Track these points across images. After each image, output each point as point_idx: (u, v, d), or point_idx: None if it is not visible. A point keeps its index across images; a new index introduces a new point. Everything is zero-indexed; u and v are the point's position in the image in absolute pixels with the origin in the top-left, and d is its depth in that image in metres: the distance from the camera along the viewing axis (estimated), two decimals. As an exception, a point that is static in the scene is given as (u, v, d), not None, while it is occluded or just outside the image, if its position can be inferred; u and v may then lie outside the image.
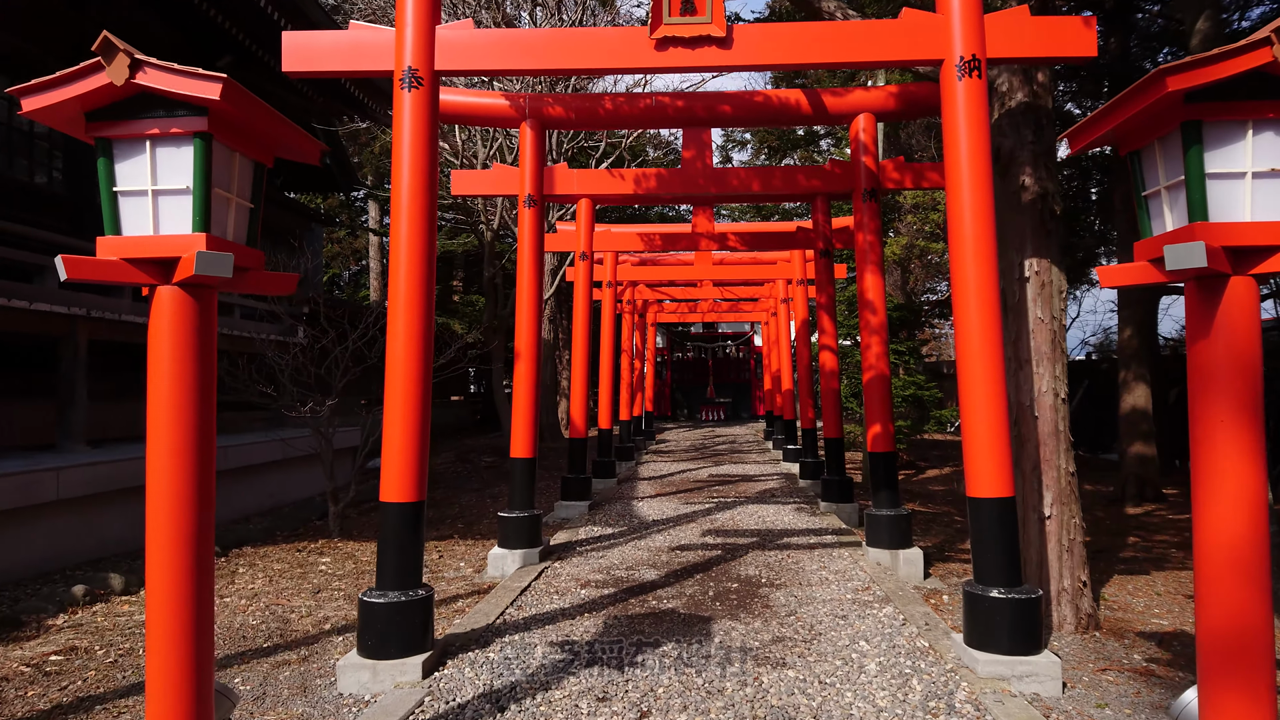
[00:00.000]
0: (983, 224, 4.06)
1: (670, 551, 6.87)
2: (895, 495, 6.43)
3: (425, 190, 4.03)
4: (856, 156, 6.51)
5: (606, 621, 4.83)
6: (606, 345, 11.20)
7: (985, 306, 4.02)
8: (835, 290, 9.68)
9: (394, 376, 4.00)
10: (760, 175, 6.51)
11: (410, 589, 3.95)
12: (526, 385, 6.44)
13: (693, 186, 6.45)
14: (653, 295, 16.83)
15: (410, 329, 4.00)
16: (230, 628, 4.94)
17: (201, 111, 2.38)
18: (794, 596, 5.41)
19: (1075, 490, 4.99)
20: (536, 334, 6.46)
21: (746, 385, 29.56)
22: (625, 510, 9.00)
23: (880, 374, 6.40)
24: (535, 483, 6.56)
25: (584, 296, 9.01)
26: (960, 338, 4.07)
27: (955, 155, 4.12)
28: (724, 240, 9.60)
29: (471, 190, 6.73)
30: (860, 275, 6.53)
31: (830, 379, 9.02)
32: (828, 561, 6.43)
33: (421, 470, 4.03)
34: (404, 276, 4.01)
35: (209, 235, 2.40)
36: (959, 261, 4.10)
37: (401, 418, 3.97)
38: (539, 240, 6.45)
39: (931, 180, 6.54)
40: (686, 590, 5.63)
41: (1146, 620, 5.40)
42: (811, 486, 10.98)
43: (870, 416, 6.47)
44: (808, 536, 7.50)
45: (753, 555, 6.72)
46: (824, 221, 9.02)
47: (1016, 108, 5.02)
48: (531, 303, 6.42)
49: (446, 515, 9.50)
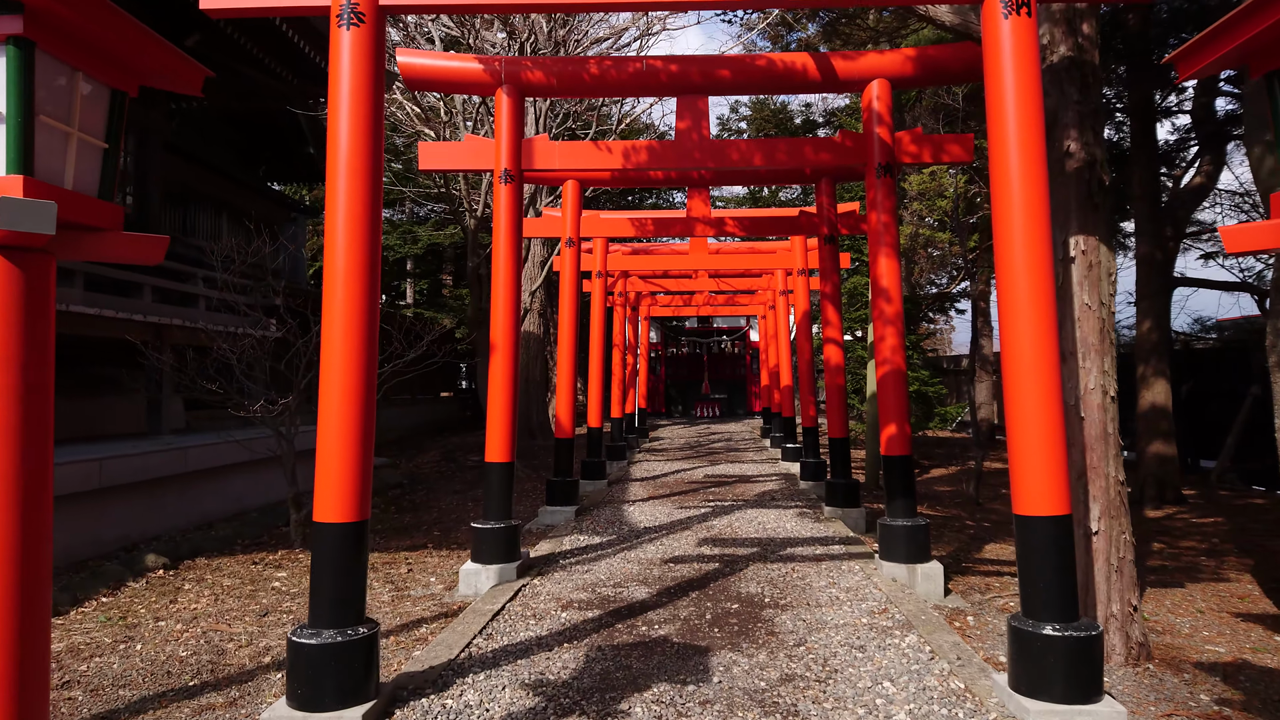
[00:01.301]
0: (1034, 189, 3.42)
1: (663, 564, 6.23)
2: (912, 503, 5.81)
3: (368, 150, 3.37)
4: (869, 127, 5.86)
5: (589, 654, 4.19)
6: (596, 339, 10.55)
7: (1037, 290, 3.38)
8: (840, 280, 9.05)
9: (330, 373, 3.34)
10: (763, 148, 5.86)
11: (349, 626, 3.30)
12: (503, 381, 5.79)
13: (688, 160, 5.80)
14: (646, 288, 16.17)
15: (350, 316, 3.34)
16: (154, 662, 4.28)
17: (16, 9, 1.73)
18: (802, 620, 4.78)
19: (1125, 501, 4.37)
20: (514, 324, 5.81)
21: (742, 381, 28.97)
22: (615, 516, 8.36)
23: (896, 369, 5.77)
24: (513, 490, 5.91)
25: (570, 286, 8.36)
26: (1006, 327, 3.43)
27: (1000, 109, 3.48)
28: (721, 226, 8.94)
29: (440, 165, 6.07)
30: (873, 259, 5.89)
31: (835, 374, 8.39)
32: (837, 576, 5.79)
33: (364, 484, 3.37)
34: (342, 256, 3.35)
35: (29, 179, 1.75)
36: (1005, 237, 3.47)
37: (339, 422, 3.32)
38: (516, 220, 5.79)
39: (953, 154, 5.90)
40: (681, 612, 5.00)
41: (1200, 647, 4.78)
42: (813, 488, 10.35)
43: (884, 416, 5.83)
44: (813, 546, 6.87)
45: (754, 568, 6.08)
46: (829, 205, 8.39)
47: (1059, 63, 4.38)
48: (508, 290, 5.76)
49: (423, 521, 8.84)
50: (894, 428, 5.75)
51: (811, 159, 5.89)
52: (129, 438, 9.18)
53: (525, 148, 5.86)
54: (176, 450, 8.29)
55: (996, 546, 8.06)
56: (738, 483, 11.21)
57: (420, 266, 29.45)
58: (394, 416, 19.86)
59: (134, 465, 7.61)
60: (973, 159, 5.98)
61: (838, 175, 8.29)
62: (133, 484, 7.62)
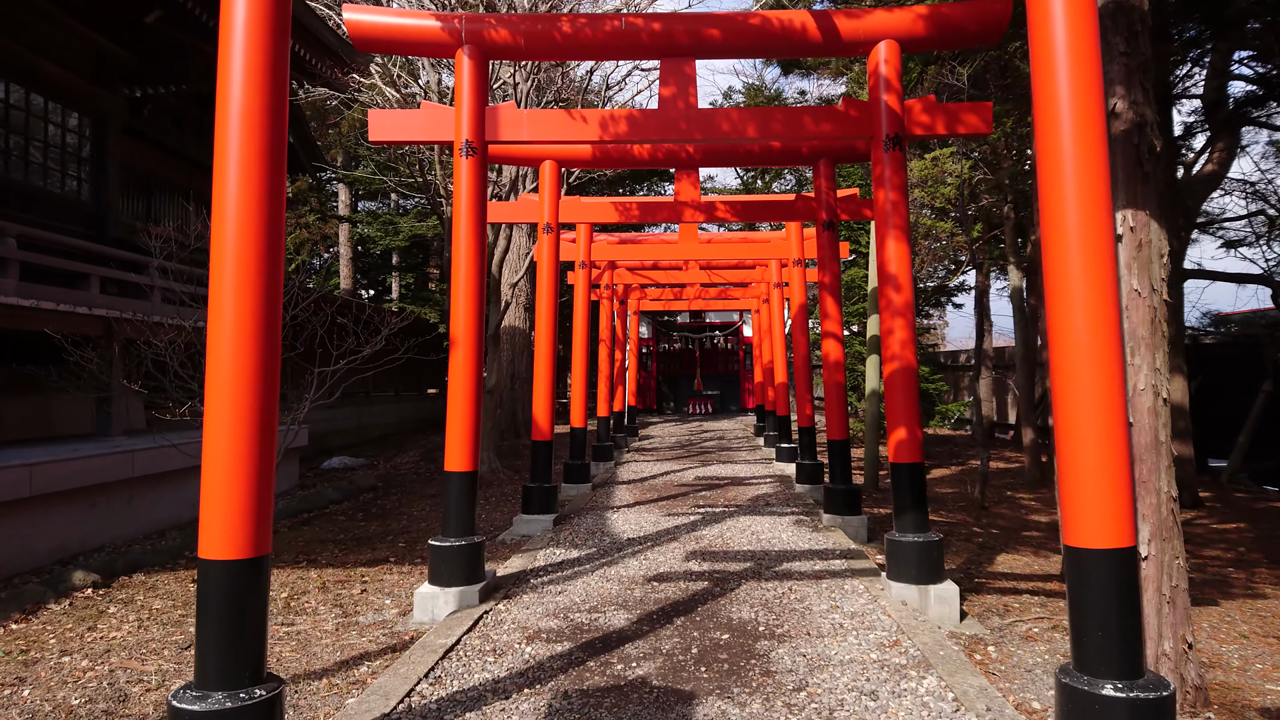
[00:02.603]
0: (1091, 145, 2.80)
1: (646, 584, 5.59)
2: (923, 516, 5.18)
3: (266, 81, 2.71)
4: (876, 95, 5.22)
5: (553, 703, 3.55)
6: (580, 333, 9.90)
7: (1096, 274, 2.75)
8: (840, 269, 8.42)
9: (218, 370, 2.68)
10: (757, 117, 5.21)
11: (244, 688, 2.65)
12: (465, 380, 5.14)
13: (673, 131, 5.15)
14: (634, 280, 15.52)
15: (243, 303, 2.69)
16: (38, 715, 3.63)
17: None
18: (802, 655, 4.15)
19: (1178, 521, 3.75)
20: (477, 317, 5.15)
21: (735, 377, 28.37)
22: (597, 525, 7.72)
23: (905, 366, 5.14)
24: (476, 501, 5.26)
25: (549, 275, 7.70)
26: (1057, 320, 2.81)
27: (1046, 49, 2.85)
28: (711, 210, 8.29)
29: (393, 135, 5.40)
30: (880, 243, 5.25)
31: (835, 371, 7.76)
32: (840, 599, 5.17)
33: (260, 510, 2.72)
34: (232, 229, 2.70)
35: None
36: (1055, 211, 2.84)
37: (229, 433, 2.66)
38: (479, 198, 5.13)
39: (969, 124, 5.27)
40: (664, 645, 4.36)
41: (1258, 685, 4.17)
42: (810, 493, 9.74)
43: (893, 418, 5.21)
44: (812, 560, 6.25)
45: (746, 588, 5.45)
46: (828, 188, 7.75)
47: (1102, 8, 3.74)
48: (471, 278, 5.11)
49: (390, 529, 8.19)
50: (903, 431, 5.12)
51: (811, 130, 5.24)
52: (79, 439, 8.51)
53: (490, 116, 5.19)
54: (123, 454, 7.62)
55: (1009, 558, 7.45)
56: (730, 486, 10.59)
57: (406, 260, 28.76)
58: (375, 414, 19.18)
59: (71, 470, 6.94)
60: (991, 130, 5.34)
61: (837, 155, 7.66)
62: (71, 490, 6.95)
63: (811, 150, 7.60)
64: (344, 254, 26.88)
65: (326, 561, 6.72)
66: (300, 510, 9.37)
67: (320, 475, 12.52)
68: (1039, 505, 10.57)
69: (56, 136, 10.27)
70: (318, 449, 14.56)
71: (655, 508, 8.76)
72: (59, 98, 10.11)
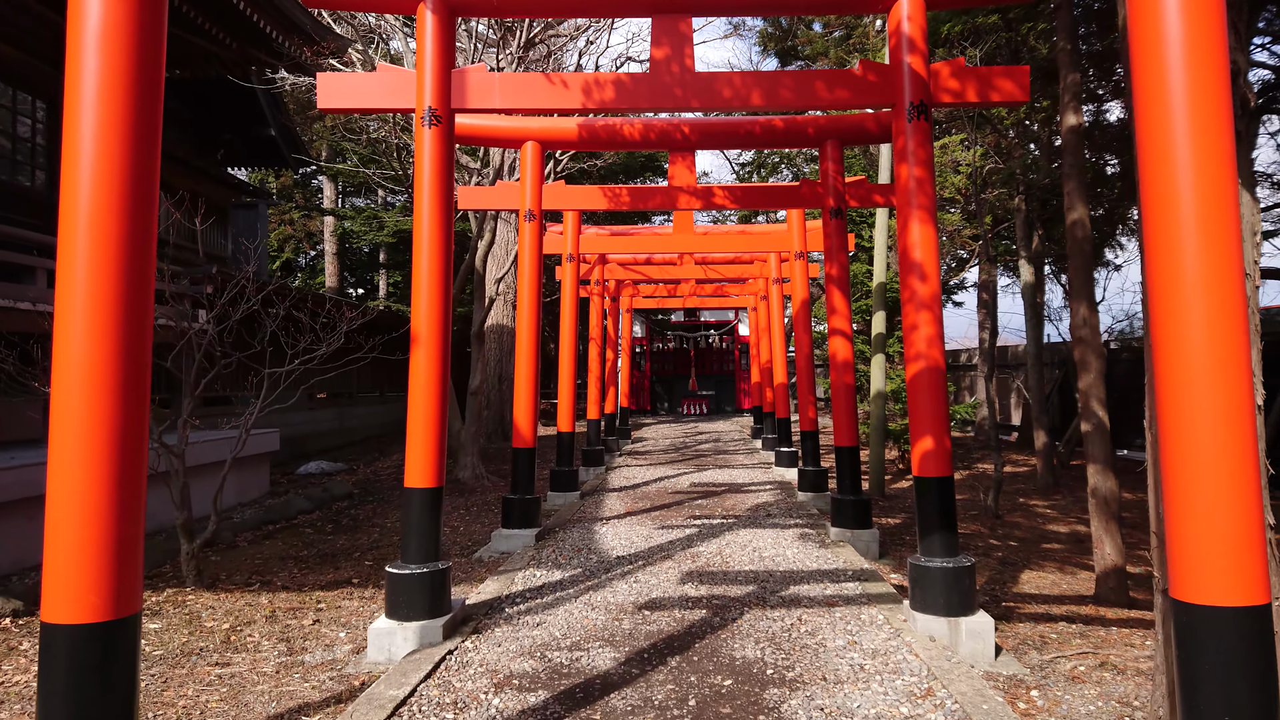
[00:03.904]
0: (1210, 76, 2.15)
1: (637, 613, 4.95)
2: (953, 538, 4.55)
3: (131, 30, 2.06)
4: (898, 57, 4.58)
5: (519, 779, 2.90)
6: (568, 331, 9.24)
7: (1218, 244, 2.12)
8: (848, 260, 7.79)
9: (67, 385, 2.03)
10: (762, 82, 4.57)
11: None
12: (427, 384, 4.48)
13: (666, 97, 4.50)
14: (627, 276, 14.86)
15: (100, 286, 2.04)
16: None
17: None
18: (819, 708, 3.51)
19: (1277, 557, 3.12)
20: (442, 311, 4.50)
21: (730, 377, 27.75)
22: (584, 540, 7.06)
23: (932, 366, 4.50)
24: (440, 522, 4.60)
25: (532, 266, 7.05)
26: (1162, 309, 2.17)
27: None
28: (709, 197, 7.64)
29: (345, 103, 4.74)
30: (903, 226, 4.62)
31: (843, 371, 7.13)
32: (858, 632, 4.53)
33: (125, 557, 2.06)
34: (86, 194, 2.04)
35: None
36: (1158, 174, 2.20)
37: (81, 458, 2.01)
38: (444, 173, 4.47)
39: (1004, 91, 4.64)
40: (656, 693, 3.72)
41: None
42: (813, 501, 9.11)
43: (917, 424, 4.57)
44: (822, 583, 5.61)
45: (750, 618, 4.81)
46: (835, 172, 7.12)
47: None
48: (435, 264, 4.45)
49: (359, 544, 7.52)
50: (930, 440, 4.48)
51: (824, 97, 4.60)
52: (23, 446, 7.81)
53: (456, 80, 4.53)
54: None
55: (1034, 575, 6.83)
56: (727, 493, 9.95)
57: (392, 257, 28.02)
58: (360, 416, 18.45)
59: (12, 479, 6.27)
60: (1028, 98, 4.71)
61: (846, 136, 7.02)
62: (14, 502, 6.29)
63: (818, 130, 6.96)
64: (329, 251, 26.16)
65: (282, 583, 6.06)
66: (265, 521, 8.69)
67: (295, 481, 11.83)
68: (1054, 513, 9.97)
69: (7, 121, 9.61)
70: (296, 453, 13.87)
71: (648, 519, 8.11)
72: (10, 79, 9.43)
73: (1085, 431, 6.02)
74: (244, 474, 9.98)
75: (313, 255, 30.76)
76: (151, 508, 7.17)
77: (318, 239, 29.23)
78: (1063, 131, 6.38)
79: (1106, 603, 5.91)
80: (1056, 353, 15.76)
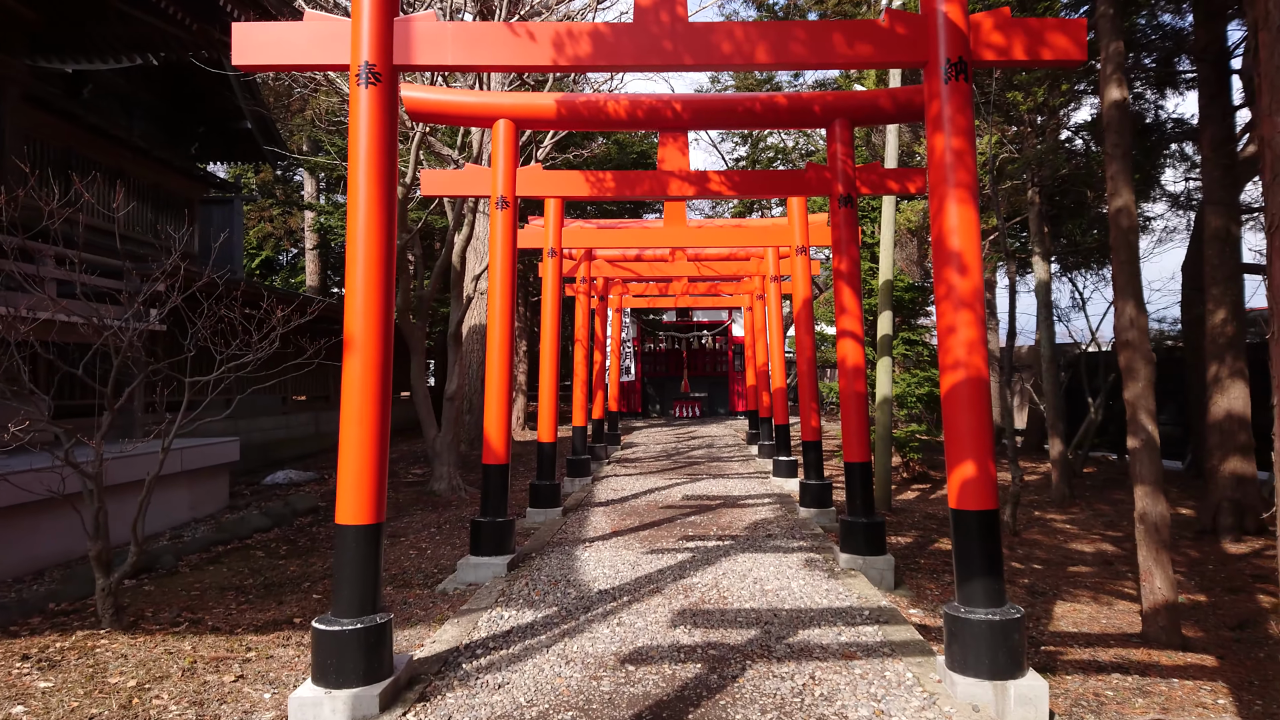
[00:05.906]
0: None
1: (619, 669, 4.16)
2: (999, 584, 3.78)
3: None
4: (932, 5, 3.82)
5: None
6: (550, 331, 8.45)
7: None
8: (860, 253, 7.02)
9: None
10: (769, 35, 3.79)
11: None
12: (364, 395, 3.69)
13: (654, 53, 3.73)
14: (616, 274, 14.08)
15: None
16: None
17: None
18: (847, 817, 2.73)
19: None
20: (382, 308, 3.71)
21: (724, 379, 27.01)
22: (562, 569, 6.27)
23: (973, 376, 3.74)
24: (380, 565, 3.80)
25: (505, 259, 6.26)
26: None
27: None
28: (703, 183, 6.85)
29: (267, 58, 3.93)
30: (937, 209, 3.85)
31: (854, 378, 6.36)
32: (884, 696, 3.75)
33: None
34: None
35: None
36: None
37: None
38: (386, 140, 3.68)
39: (1057, 49, 3.88)
40: (638, 791, 2.94)
41: None
42: (816, 519, 8.35)
43: (955, 446, 3.80)
44: (835, 626, 4.83)
45: (753, 676, 4.03)
46: (845, 155, 6.36)
47: None
48: (374, 255, 3.67)
49: (310, 571, 6.72)
50: (972, 467, 3.72)
51: (843, 53, 3.83)
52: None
53: (400, 31, 3.75)
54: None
55: (1069, 608, 6.09)
56: (723, 508, 9.18)
57: (375, 255, 27.10)
58: (335, 421, 17.65)
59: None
60: (1085, 56, 3.95)
61: (857, 114, 6.27)
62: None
63: (825, 108, 6.21)
64: (310, 248, 25.29)
65: (213, 623, 5.25)
66: (215, 542, 7.86)
67: (259, 493, 10.99)
68: (1075, 529, 9.25)
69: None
70: (266, 460, 13.03)
71: (635, 540, 7.33)
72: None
73: (1133, 448, 5.29)
74: (199, 487, 9.16)
75: (294, 253, 29.84)
76: (76, 533, 6.35)
77: (299, 236, 28.32)
78: (1104, 107, 5.64)
79: (1157, 643, 5.19)
80: (1062, 354, 15.13)
